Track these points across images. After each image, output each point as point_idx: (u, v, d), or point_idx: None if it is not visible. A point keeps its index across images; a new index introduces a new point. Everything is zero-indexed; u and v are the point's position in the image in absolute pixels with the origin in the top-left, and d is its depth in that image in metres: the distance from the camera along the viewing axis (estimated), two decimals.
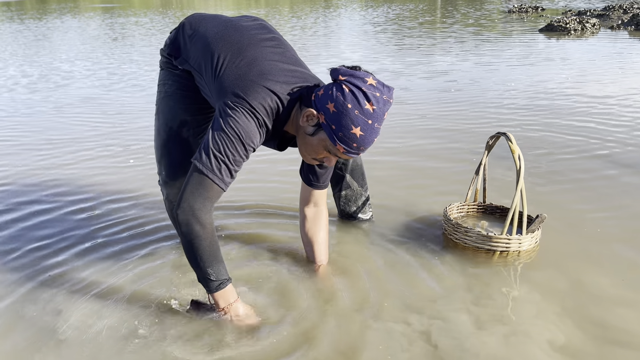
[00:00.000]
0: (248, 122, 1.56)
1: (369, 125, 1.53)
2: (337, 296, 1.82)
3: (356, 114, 1.51)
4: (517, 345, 1.55)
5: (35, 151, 3.60)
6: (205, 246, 1.57)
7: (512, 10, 13.76)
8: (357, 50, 8.15)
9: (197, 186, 1.56)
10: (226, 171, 1.56)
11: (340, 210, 2.37)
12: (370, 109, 1.52)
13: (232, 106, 1.57)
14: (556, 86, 5.06)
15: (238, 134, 1.55)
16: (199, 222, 1.55)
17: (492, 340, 1.57)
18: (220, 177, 1.56)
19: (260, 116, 1.58)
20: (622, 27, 9.70)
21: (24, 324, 1.73)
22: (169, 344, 1.60)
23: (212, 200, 1.57)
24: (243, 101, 1.57)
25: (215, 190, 1.57)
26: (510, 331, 1.61)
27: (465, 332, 1.61)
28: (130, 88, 5.79)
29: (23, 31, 12.88)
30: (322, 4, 21.21)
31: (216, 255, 1.61)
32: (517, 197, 1.98)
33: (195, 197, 1.55)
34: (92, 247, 2.22)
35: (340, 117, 1.52)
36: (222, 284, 1.63)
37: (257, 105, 1.57)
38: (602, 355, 1.51)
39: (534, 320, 1.66)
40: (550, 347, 1.53)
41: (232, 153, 1.56)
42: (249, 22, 1.82)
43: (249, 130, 1.56)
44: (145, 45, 9.75)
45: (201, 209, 1.55)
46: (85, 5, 24.38)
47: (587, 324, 1.63)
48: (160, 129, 1.96)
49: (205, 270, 1.60)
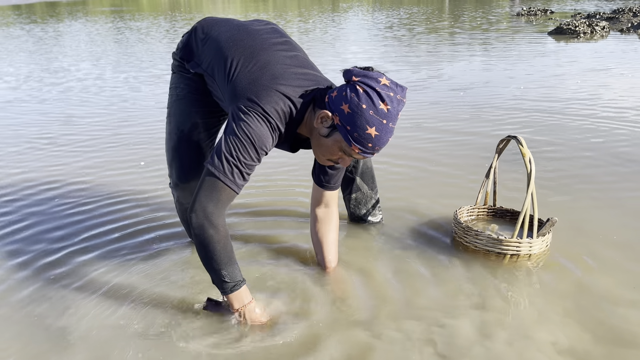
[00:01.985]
0: (261, 127, 1.58)
1: (383, 125, 1.54)
2: (346, 300, 1.83)
3: (371, 114, 1.52)
4: (528, 351, 1.54)
5: (40, 151, 3.65)
6: (219, 249, 1.59)
7: (521, 13, 13.71)
8: (364, 53, 8.16)
9: (210, 189, 1.57)
10: (239, 174, 1.58)
11: (350, 213, 2.37)
12: (385, 108, 1.52)
13: (245, 110, 1.58)
14: (566, 89, 5.04)
15: (251, 138, 1.56)
16: (212, 226, 1.57)
17: (503, 346, 1.57)
18: (232, 180, 1.57)
19: (273, 120, 1.59)
20: (632, 30, 9.64)
21: (33, 324, 1.75)
22: (183, 341, 1.62)
23: (224, 203, 1.59)
24: (256, 105, 1.58)
25: (228, 194, 1.59)
26: (521, 336, 1.61)
27: (473, 338, 1.61)
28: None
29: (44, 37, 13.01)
30: (329, 7, 21.25)
31: (230, 257, 1.62)
32: (528, 201, 1.97)
33: (209, 200, 1.57)
34: (101, 247, 2.24)
35: (355, 118, 1.53)
36: (236, 285, 1.65)
37: (270, 110, 1.58)
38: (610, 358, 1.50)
39: (546, 325, 1.65)
40: (561, 352, 1.53)
41: (245, 157, 1.57)
42: (260, 26, 1.84)
43: (262, 135, 1.58)
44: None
45: (214, 212, 1.57)
46: (94, 9, 24.61)
47: (597, 328, 1.63)
48: (171, 132, 1.98)
49: (219, 273, 1.62)
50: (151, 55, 8.80)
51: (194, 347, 1.60)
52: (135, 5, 27.77)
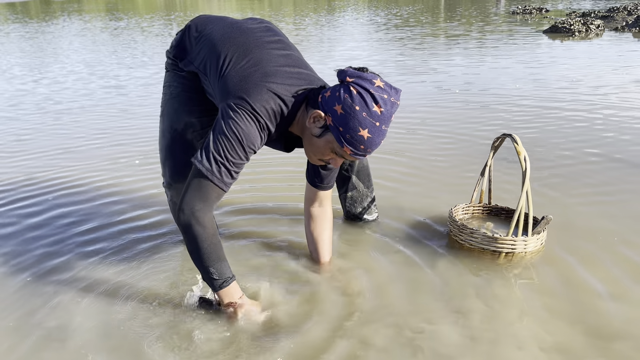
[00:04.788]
0: (249, 125, 1.57)
1: (376, 128, 1.54)
2: (338, 298, 1.83)
3: (364, 116, 1.51)
4: (523, 349, 1.55)
5: (44, 149, 3.63)
6: (207, 246, 1.60)
7: (516, 11, 13.73)
8: (360, 50, 8.16)
9: (198, 188, 1.58)
10: (226, 173, 1.58)
11: (345, 211, 2.37)
12: (378, 111, 1.52)
13: (234, 108, 1.58)
14: (561, 87, 5.05)
15: (238, 137, 1.56)
16: (199, 223, 1.58)
17: (498, 345, 1.57)
18: (219, 179, 1.58)
19: (262, 119, 1.59)
20: (627, 29, 9.67)
21: (33, 323, 1.74)
22: (177, 340, 1.62)
23: (212, 201, 1.60)
24: (245, 103, 1.57)
25: (215, 192, 1.59)
26: (516, 334, 1.61)
27: (466, 336, 1.61)
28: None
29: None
30: (325, 6, 21.23)
31: (218, 254, 1.63)
32: (523, 199, 1.97)
33: (196, 199, 1.58)
34: (99, 246, 2.24)
35: (348, 119, 1.52)
36: (225, 282, 1.66)
37: (260, 108, 1.58)
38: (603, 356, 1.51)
39: (543, 323, 1.66)
40: (561, 351, 1.53)
41: (232, 155, 1.57)
42: (254, 24, 1.83)
43: (250, 133, 1.57)
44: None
45: (201, 210, 1.58)
46: (89, 7, 24.52)
47: (593, 326, 1.63)
48: (165, 130, 1.97)
49: (208, 270, 1.64)
50: (144, 52, 8.77)
51: (186, 345, 1.60)
52: (130, 5, 27.67)
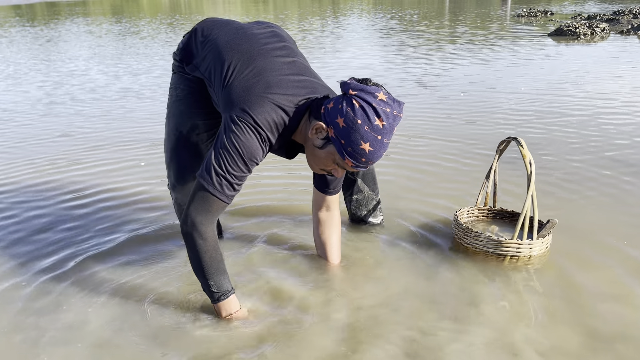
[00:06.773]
0: (250, 139, 1.58)
1: (378, 141, 1.54)
2: (341, 301, 1.83)
3: (366, 129, 1.51)
4: (526, 351, 1.54)
5: (48, 148, 3.65)
6: (207, 259, 1.63)
7: (521, 14, 13.71)
8: (365, 55, 8.16)
9: (200, 201, 1.60)
10: (228, 186, 1.60)
11: (351, 214, 2.37)
12: (380, 124, 1.52)
13: (236, 121, 1.58)
14: (567, 90, 5.03)
15: (239, 150, 1.57)
16: (200, 236, 1.60)
17: (502, 348, 1.57)
18: (221, 192, 1.59)
19: (264, 132, 1.59)
20: (632, 32, 9.64)
21: (37, 323, 1.75)
22: (180, 342, 1.62)
23: (214, 214, 1.62)
24: (247, 116, 1.58)
25: (217, 205, 1.61)
26: (520, 337, 1.61)
27: (473, 339, 1.61)
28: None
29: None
30: (329, 7, 21.26)
31: (218, 267, 1.66)
32: (528, 202, 1.97)
33: (198, 211, 1.60)
34: (102, 247, 2.24)
35: (350, 133, 1.53)
36: (223, 295, 1.69)
37: (262, 121, 1.58)
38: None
39: (548, 327, 1.65)
40: (567, 355, 1.53)
41: (234, 169, 1.59)
42: (261, 29, 1.83)
43: (251, 146, 1.58)
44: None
45: (202, 223, 1.61)
46: (95, 10, 24.65)
47: (598, 329, 1.63)
48: (170, 132, 1.98)
49: (207, 282, 1.67)
50: (151, 54, 8.80)
51: (191, 345, 1.61)
52: (135, 7, 27.78)
